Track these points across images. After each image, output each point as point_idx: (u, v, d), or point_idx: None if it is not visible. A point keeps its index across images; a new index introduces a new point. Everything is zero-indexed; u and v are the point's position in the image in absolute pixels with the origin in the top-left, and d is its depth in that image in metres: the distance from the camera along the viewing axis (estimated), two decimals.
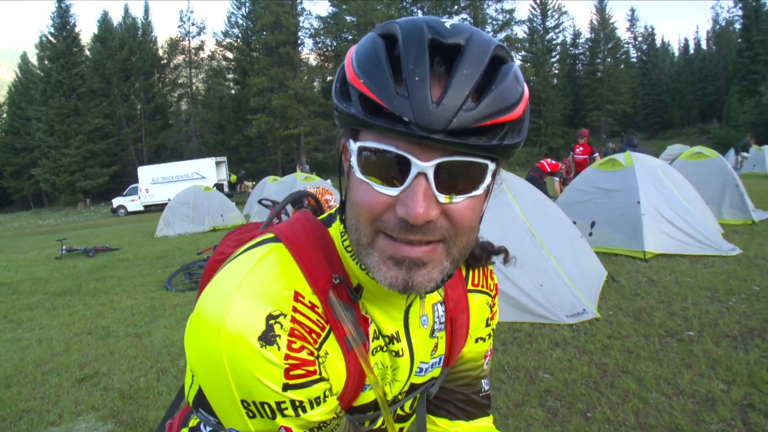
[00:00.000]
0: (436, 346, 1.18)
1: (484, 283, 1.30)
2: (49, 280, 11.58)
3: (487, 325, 1.34)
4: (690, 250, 8.48)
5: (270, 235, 1.04)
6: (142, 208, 38.47)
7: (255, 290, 0.91)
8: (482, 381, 1.39)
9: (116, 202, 39.88)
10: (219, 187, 32.32)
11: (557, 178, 13.66)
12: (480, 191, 0.85)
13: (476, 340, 1.33)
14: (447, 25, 0.81)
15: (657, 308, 6.13)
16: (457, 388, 1.35)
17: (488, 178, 0.85)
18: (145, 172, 39.12)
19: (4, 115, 69.13)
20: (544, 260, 6.11)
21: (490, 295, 1.32)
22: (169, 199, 23.00)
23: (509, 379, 4.61)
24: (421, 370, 1.17)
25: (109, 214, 41.00)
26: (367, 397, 1.08)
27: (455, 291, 1.21)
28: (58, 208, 52.73)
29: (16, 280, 11.96)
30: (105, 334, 6.92)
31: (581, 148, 14.13)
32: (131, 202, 39.01)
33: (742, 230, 10.23)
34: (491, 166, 0.84)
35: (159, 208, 29.31)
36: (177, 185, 32.57)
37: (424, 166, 0.78)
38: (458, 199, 0.83)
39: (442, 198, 0.81)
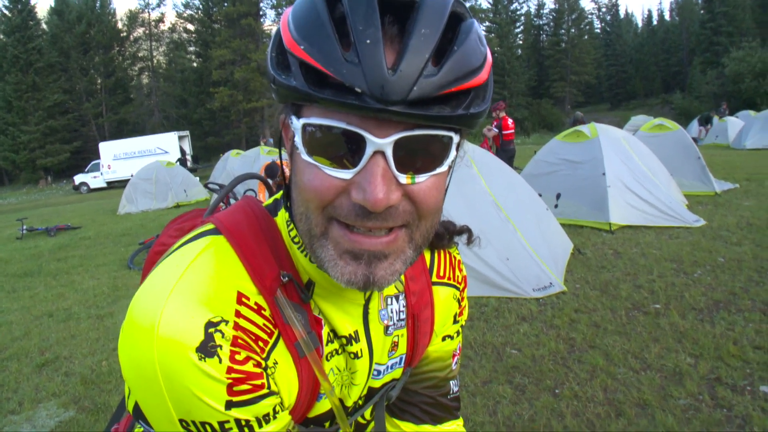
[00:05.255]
0: (395, 344, 1.07)
1: (452, 275, 1.18)
2: (9, 261, 11.33)
3: (455, 321, 1.22)
4: (655, 221, 8.58)
5: (209, 227, 0.91)
6: (104, 185, 37.68)
7: (191, 293, 0.79)
8: (450, 382, 1.26)
9: (78, 179, 38.95)
10: (182, 162, 31.79)
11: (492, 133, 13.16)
12: (444, 167, 0.76)
13: (443, 338, 1.21)
14: None
15: (623, 281, 6.18)
16: (422, 390, 1.24)
17: (453, 153, 0.77)
18: (107, 148, 38.22)
19: None
20: (510, 234, 6.10)
21: (458, 288, 1.19)
22: (131, 175, 22.56)
23: (477, 356, 4.60)
24: (378, 372, 1.06)
25: (71, 192, 40.10)
26: (322, 407, 0.98)
27: (417, 284, 1.09)
28: (19, 187, 51.45)
29: None
30: (66, 317, 6.78)
31: (510, 121, 13.07)
32: (93, 179, 38.13)
33: (706, 201, 10.38)
34: (455, 138, 0.76)
35: (122, 184, 28.68)
36: (140, 161, 32.15)
37: (381, 143, 0.69)
38: (421, 178, 0.74)
39: (403, 179, 0.73)
